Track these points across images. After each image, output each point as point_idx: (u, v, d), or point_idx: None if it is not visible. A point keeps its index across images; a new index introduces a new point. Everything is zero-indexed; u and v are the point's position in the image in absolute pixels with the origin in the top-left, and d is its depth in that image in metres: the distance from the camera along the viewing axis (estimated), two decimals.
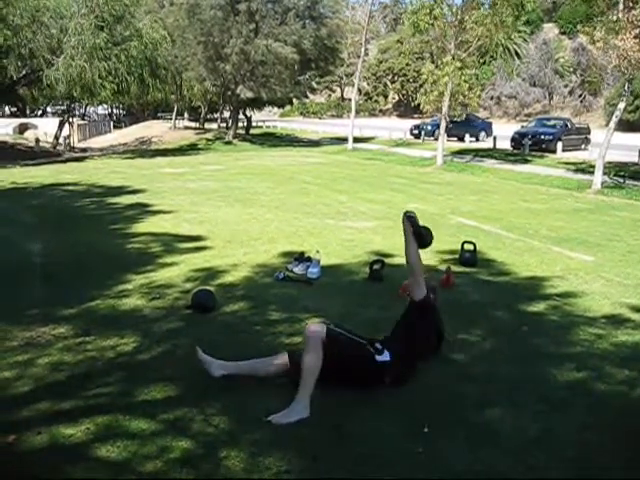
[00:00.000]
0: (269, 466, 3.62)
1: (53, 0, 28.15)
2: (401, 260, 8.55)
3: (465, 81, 23.74)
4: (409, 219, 4.84)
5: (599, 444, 3.97)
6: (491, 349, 5.50)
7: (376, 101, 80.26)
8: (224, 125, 52.11)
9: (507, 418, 4.26)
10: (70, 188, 16.94)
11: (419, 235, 4.79)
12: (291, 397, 4.21)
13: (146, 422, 4.07)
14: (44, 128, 42.94)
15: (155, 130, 50.19)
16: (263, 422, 4.05)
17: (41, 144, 36.20)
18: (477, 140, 36.58)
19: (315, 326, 4.55)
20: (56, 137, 38.20)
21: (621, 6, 16.71)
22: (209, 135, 45.14)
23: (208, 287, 6.97)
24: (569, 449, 3.89)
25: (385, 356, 4.56)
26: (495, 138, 32.51)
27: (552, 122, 33.77)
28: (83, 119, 58.56)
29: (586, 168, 21.65)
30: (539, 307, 6.70)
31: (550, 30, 69.78)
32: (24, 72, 28.93)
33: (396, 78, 75.33)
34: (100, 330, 5.74)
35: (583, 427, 4.16)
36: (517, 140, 30.85)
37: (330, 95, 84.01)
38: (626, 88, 18.27)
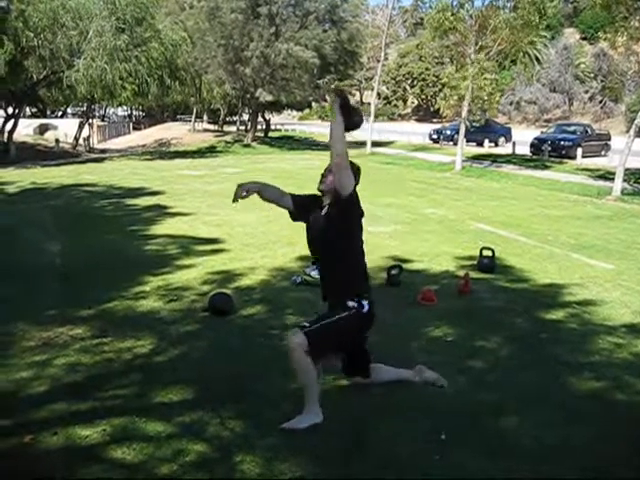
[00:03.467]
0: (284, 471, 3.61)
1: (74, 2, 28.34)
2: (419, 266, 8.59)
3: (485, 85, 23.64)
4: (337, 93, 4.06)
5: (617, 455, 3.92)
6: (509, 356, 5.46)
7: (395, 105, 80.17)
8: (243, 128, 52.23)
9: (524, 427, 4.22)
10: (89, 189, 17.05)
11: (348, 112, 4.00)
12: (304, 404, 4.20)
13: (162, 424, 4.08)
14: (64, 129, 43.20)
15: (174, 132, 50.42)
16: (279, 427, 4.04)
17: (61, 145, 36.43)
18: (496, 145, 36.40)
19: (293, 340, 4.09)
20: (76, 138, 38.44)
21: None
22: (228, 137, 45.26)
23: (225, 290, 6.97)
24: (586, 459, 3.85)
25: (365, 304, 4.26)
26: (514, 143, 32.34)
27: (572, 128, 33.55)
28: (103, 120, 58.93)
29: (606, 175, 21.48)
30: (558, 315, 6.64)
31: (571, 35, 69.47)
32: (45, 73, 29.11)
33: (415, 82, 75.21)
34: (117, 331, 5.76)
35: (601, 437, 4.12)
36: (536, 146, 30.68)
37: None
38: None
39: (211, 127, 57.64)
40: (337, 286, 4.29)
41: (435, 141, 39.00)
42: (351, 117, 4.03)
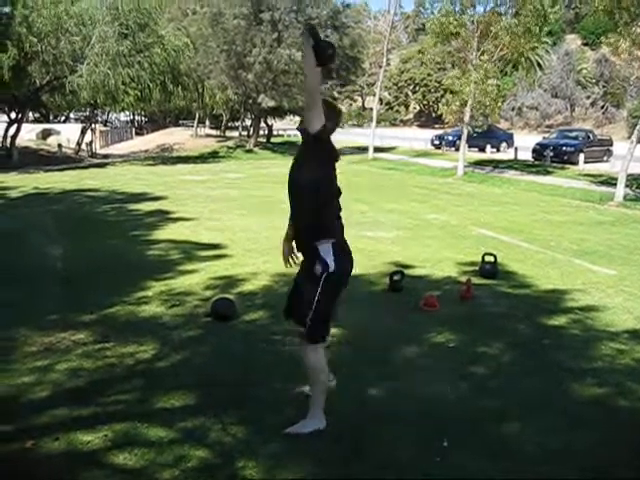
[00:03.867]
0: (286, 477, 3.60)
1: (77, 7, 28.41)
2: (421, 271, 8.59)
3: (489, 92, 23.65)
4: (308, 29, 3.78)
5: (619, 461, 3.92)
6: (511, 362, 5.46)
7: (397, 111, 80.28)
8: (245, 133, 52.25)
9: (526, 432, 4.21)
10: (91, 194, 17.07)
11: (319, 47, 3.74)
12: (308, 408, 4.18)
13: (164, 430, 4.07)
14: (67, 134, 43.23)
15: (176, 137, 50.44)
16: (281, 433, 4.04)
17: (64, 150, 36.44)
18: (498, 151, 36.40)
19: (303, 348, 4.13)
20: (78, 143, 38.46)
21: None
22: (230, 143, 45.27)
23: (228, 295, 6.97)
24: (589, 465, 3.84)
25: (329, 258, 4.00)
26: (516, 149, 32.37)
27: (574, 133, 33.55)
28: (105, 125, 59.00)
29: (608, 180, 21.48)
30: (560, 321, 6.63)
31: (572, 41, 69.57)
32: (48, 78, 29.14)
33: (417, 88, 75.34)
34: (119, 337, 5.76)
35: (603, 443, 4.11)
36: (538, 151, 30.69)
37: (351, 104, 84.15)
38: None
39: (213, 132, 57.64)
40: (301, 228, 4.17)
41: (437, 147, 39.03)
42: (324, 51, 3.79)
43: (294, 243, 4.28)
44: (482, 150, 35.31)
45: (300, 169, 4.12)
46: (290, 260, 4.36)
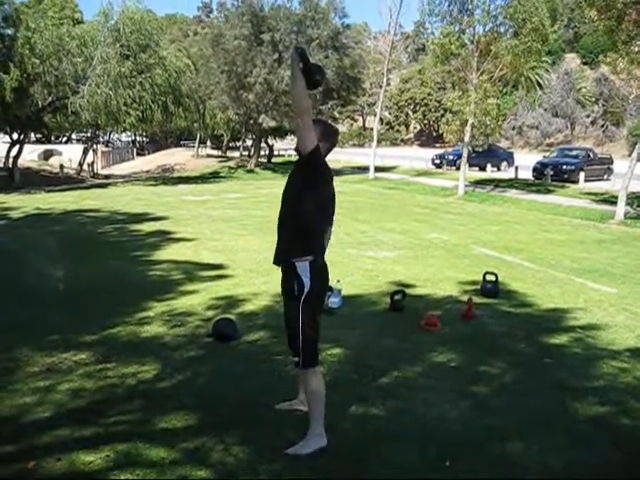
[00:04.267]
0: None
1: (79, 29, 28.66)
2: (423, 291, 8.59)
3: (490, 110, 23.74)
4: (298, 52, 3.86)
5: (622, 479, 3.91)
6: (513, 381, 5.45)
7: (398, 130, 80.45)
8: (246, 153, 52.42)
9: (529, 452, 4.20)
10: (93, 214, 17.13)
11: (308, 70, 3.84)
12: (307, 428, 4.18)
13: (166, 451, 4.06)
14: (68, 154, 43.45)
15: (178, 158, 50.64)
16: (283, 453, 4.03)
17: (65, 170, 36.61)
18: (499, 170, 36.46)
19: (303, 374, 4.23)
20: (80, 164, 38.64)
21: None
22: (231, 163, 45.43)
23: (229, 316, 6.98)
24: None
25: (306, 278, 4.05)
26: (517, 168, 32.40)
27: (574, 152, 33.61)
28: (107, 146, 59.17)
29: (609, 199, 21.50)
30: (561, 339, 6.63)
31: (572, 60, 69.81)
32: (50, 99, 29.34)
33: (418, 108, 75.52)
34: (121, 357, 5.76)
35: (606, 462, 4.10)
36: (539, 170, 30.74)
37: (352, 124, 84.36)
38: None
39: (214, 153, 57.88)
40: (284, 244, 4.23)
41: (438, 166, 39.09)
42: (312, 74, 3.88)
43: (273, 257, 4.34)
44: (483, 169, 35.37)
45: (290, 186, 4.21)
46: None
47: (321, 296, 4.28)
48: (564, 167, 30.36)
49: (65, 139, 59.91)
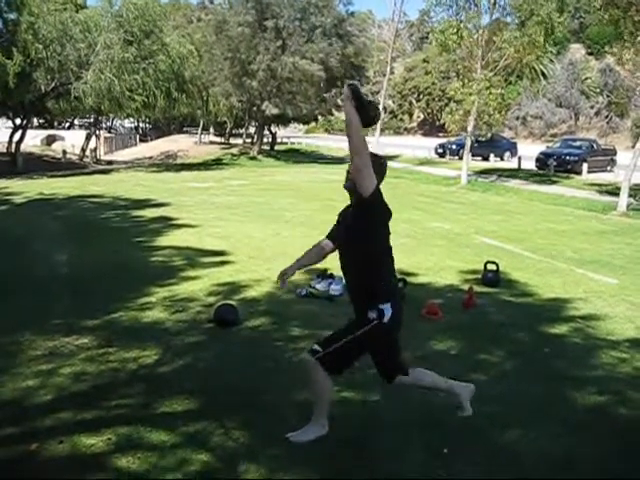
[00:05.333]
0: None
1: (82, 15, 28.61)
2: (424, 279, 8.61)
3: (492, 100, 23.69)
4: (351, 89, 3.66)
5: (620, 469, 3.93)
6: (512, 370, 5.48)
7: (401, 119, 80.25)
8: (249, 140, 52.36)
9: (527, 440, 4.23)
10: (96, 200, 17.14)
11: (363, 108, 3.64)
12: (310, 413, 4.20)
13: (166, 434, 4.10)
14: (71, 140, 43.40)
15: (181, 144, 50.58)
16: (283, 438, 4.06)
17: (68, 156, 36.60)
18: (502, 160, 36.41)
19: (307, 364, 4.02)
20: (83, 149, 38.62)
21: None
22: (234, 150, 45.41)
23: (230, 302, 7.00)
24: (590, 473, 3.86)
25: (387, 310, 3.87)
26: (520, 158, 32.32)
27: (578, 143, 33.51)
28: (110, 132, 59.19)
29: (612, 190, 21.47)
30: (561, 329, 6.65)
31: (577, 51, 69.49)
32: (53, 85, 29.29)
33: (421, 97, 75.31)
34: (122, 342, 5.79)
35: (604, 451, 4.12)
36: (542, 161, 30.67)
37: None
38: None
39: (217, 140, 57.82)
40: (358, 290, 4.04)
41: (441, 155, 39.03)
42: (367, 112, 3.69)
43: (352, 301, 4.12)
44: (486, 159, 35.32)
45: (352, 231, 3.97)
46: (281, 281, 4.18)
47: (388, 335, 4.02)
48: (567, 158, 30.27)
49: (68, 125, 59.85)
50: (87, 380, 4.94)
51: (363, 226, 3.89)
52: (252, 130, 53.10)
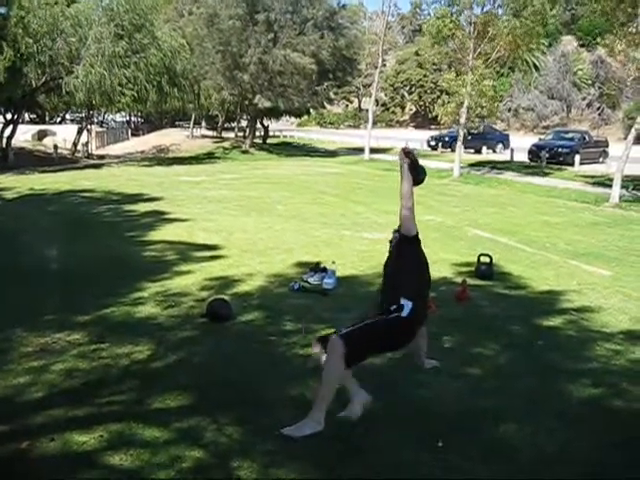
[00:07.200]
0: (281, 477, 3.60)
1: (73, 9, 28.40)
2: None
3: (484, 93, 23.68)
4: (406, 153, 4.54)
5: (615, 461, 3.92)
6: (506, 363, 5.47)
7: (393, 112, 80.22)
8: (241, 134, 52.23)
9: (522, 433, 4.22)
10: (87, 195, 17.07)
11: (415, 169, 4.50)
12: (305, 410, 4.16)
13: (159, 430, 4.07)
14: (63, 135, 43.14)
15: (173, 138, 50.39)
16: (276, 434, 4.03)
17: (59, 151, 36.39)
18: (494, 152, 36.44)
19: (331, 344, 4.17)
20: (74, 144, 38.42)
21: None
22: (226, 144, 45.28)
23: (223, 296, 6.97)
24: (584, 466, 3.85)
25: (407, 306, 4.34)
26: (512, 150, 32.35)
27: (570, 135, 33.55)
28: (101, 126, 58.90)
29: (604, 181, 21.50)
30: (555, 321, 6.65)
31: (569, 42, 69.52)
32: (44, 79, 29.09)
33: (413, 89, 75.27)
34: (115, 337, 5.76)
35: (599, 444, 4.11)
36: (534, 153, 30.68)
37: (347, 105, 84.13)
38: None
39: (209, 133, 57.60)
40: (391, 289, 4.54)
41: (433, 148, 39.01)
42: (418, 175, 4.50)
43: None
44: (478, 151, 35.34)
45: (396, 263, 4.62)
46: None
47: (406, 334, 4.46)
48: (560, 150, 30.30)
49: (59, 119, 59.54)
50: (79, 376, 4.91)
51: (407, 258, 4.56)
52: (244, 123, 52.94)
